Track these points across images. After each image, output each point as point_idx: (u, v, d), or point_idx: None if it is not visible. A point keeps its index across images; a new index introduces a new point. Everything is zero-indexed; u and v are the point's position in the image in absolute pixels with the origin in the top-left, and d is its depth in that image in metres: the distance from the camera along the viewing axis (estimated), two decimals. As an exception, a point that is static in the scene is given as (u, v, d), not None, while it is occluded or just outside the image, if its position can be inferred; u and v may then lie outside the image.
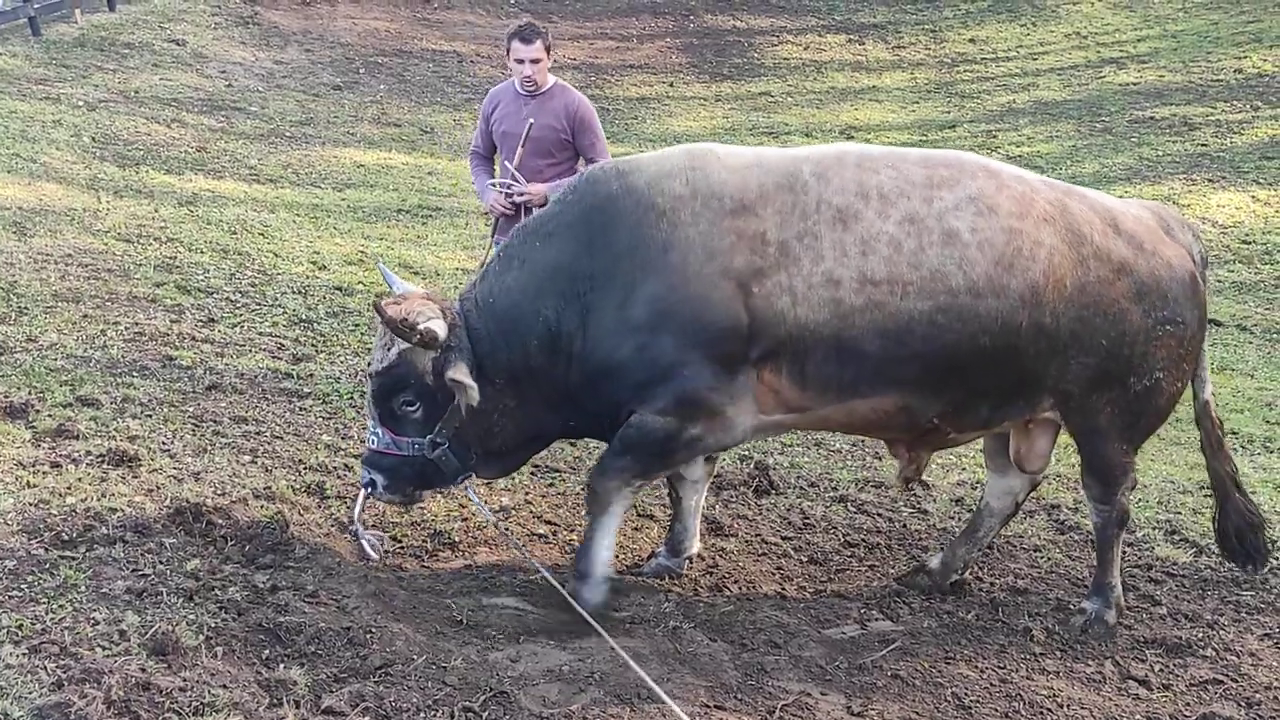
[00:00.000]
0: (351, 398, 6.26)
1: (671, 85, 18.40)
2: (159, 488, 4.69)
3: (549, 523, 5.17)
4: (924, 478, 5.23)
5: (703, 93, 18.24)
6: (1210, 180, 13.67)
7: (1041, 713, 4.06)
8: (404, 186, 11.85)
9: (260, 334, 7.05)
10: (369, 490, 4.41)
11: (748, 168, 4.26)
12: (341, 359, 6.86)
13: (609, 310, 4.18)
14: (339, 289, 8.19)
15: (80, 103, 12.79)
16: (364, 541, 4.58)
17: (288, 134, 13.40)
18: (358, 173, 12.26)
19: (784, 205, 4.18)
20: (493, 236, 6.20)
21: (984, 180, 4.28)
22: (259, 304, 7.61)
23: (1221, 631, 4.65)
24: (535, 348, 4.27)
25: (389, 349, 4.25)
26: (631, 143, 14.91)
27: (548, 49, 6.00)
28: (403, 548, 4.78)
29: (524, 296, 4.29)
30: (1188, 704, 4.15)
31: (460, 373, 4.16)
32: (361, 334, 7.31)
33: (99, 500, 4.48)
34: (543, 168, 6.03)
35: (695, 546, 4.89)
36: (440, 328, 4.15)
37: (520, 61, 5.93)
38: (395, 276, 4.80)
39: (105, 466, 4.81)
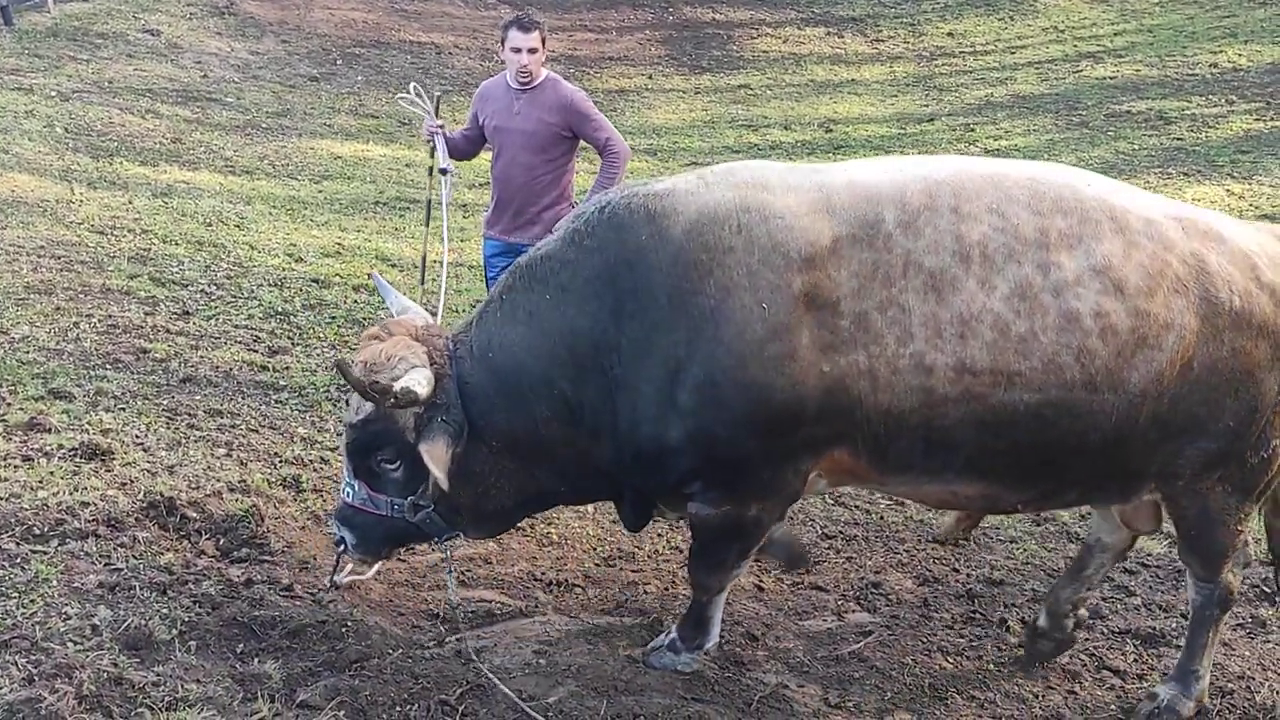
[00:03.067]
0: (328, 390, 6.22)
1: (650, 78, 18.38)
2: (132, 481, 4.65)
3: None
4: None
5: (682, 85, 18.22)
6: (1185, 174, 13.75)
7: (1018, 703, 4.08)
8: (381, 178, 11.78)
9: (236, 327, 7.00)
10: (339, 547, 3.85)
11: (814, 212, 3.46)
12: (318, 352, 6.82)
13: (648, 392, 3.46)
14: (315, 281, 8.14)
15: (53, 93, 12.66)
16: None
17: (264, 125, 13.29)
18: (335, 164, 12.17)
19: (862, 266, 3.41)
20: (431, 175, 6.12)
21: (1110, 241, 3.48)
22: (234, 296, 7.55)
23: (1195, 622, 4.67)
24: (546, 419, 3.61)
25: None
26: (610, 135, 14.87)
27: (543, 40, 5.98)
28: (379, 541, 4.74)
29: (532, 359, 3.59)
30: (1162, 694, 4.17)
31: (435, 448, 3.48)
32: (338, 327, 7.27)
33: (71, 494, 4.44)
34: (537, 163, 6.00)
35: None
36: (422, 383, 3.47)
37: (517, 51, 5.90)
38: (393, 291, 4.14)
39: (78, 460, 4.76)
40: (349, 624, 3.91)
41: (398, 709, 3.51)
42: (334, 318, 7.43)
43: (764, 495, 3.65)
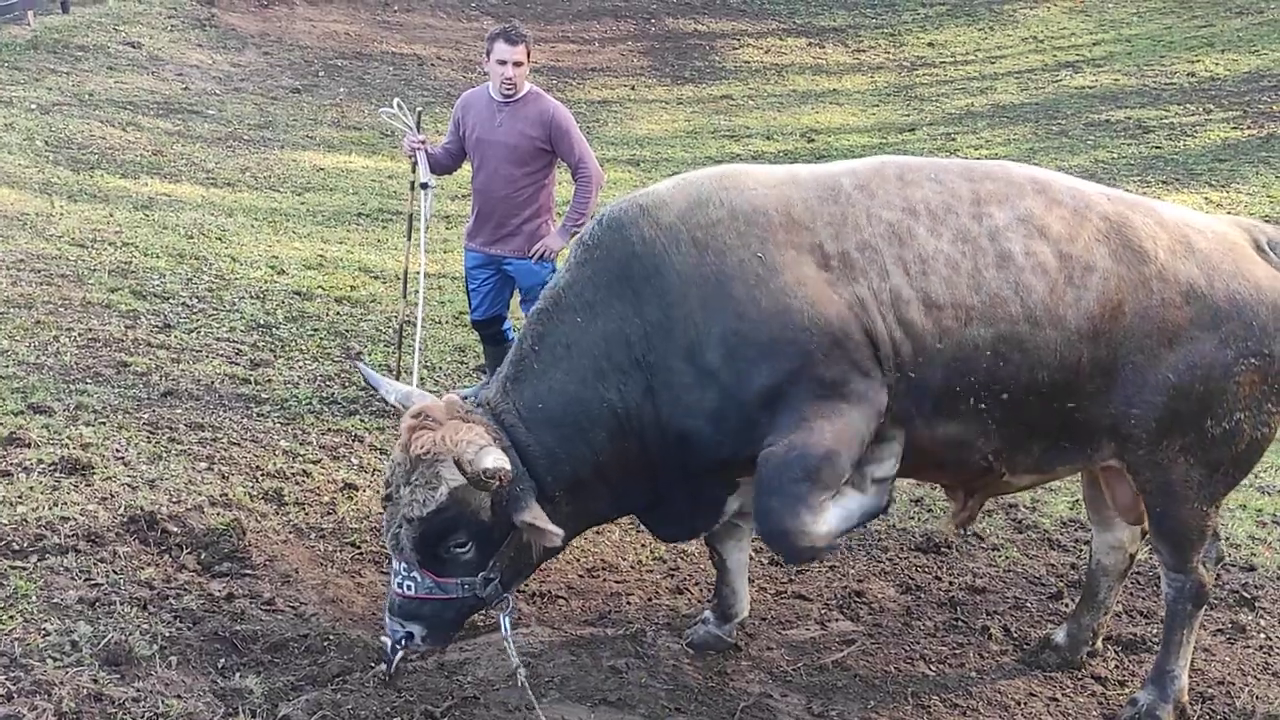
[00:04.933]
0: (310, 403, 6.21)
1: (633, 88, 18.42)
2: (113, 496, 4.63)
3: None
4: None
5: (664, 96, 18.27)
6: (1164, 182, 13.86)
7: (1000, 710, 4.09)
8: (364, 190, 11.77)
9: (217, 339, 6.98)
10: (403, 644, 3.65)
11: (782, 183, 3.88)
12: (300, 364, 6.80)
13: (678, 365, 3.66)
14: (298, 294, 8.12)
15: (33, 106, 12.61)
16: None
17: (245, 137, 13.26)
18: (317, 176, 12.15)
19: (833, 217, 3.78)
20: (413, 190, 6.12)
21: (1033, 199, 3.87)
22: (216, 309, 7.53)
23: (1176, 627, 4.69)
24: (603, 440, 3.72)
25: (433, 488, 3.49)
26: (594, 145, 14.87)
27: (528, 53, 6.01)
28: (362, 554, 4.74)
29: (582, 387, 3.70)
30: (1143, 699, 4.19)
31: (535, 515, 3.54)
32: (321, 339, 7.25)
33: (51, 509, 4.41)
34: (517, 176, 6.02)
35: (745, 609, 4.39)
36: (504, 458, 3.46)
37: (503, 63, 5.92)
38: (384, 380, 4.11)
39: (58, 475, 4.74)
40: (331, 638, 3.89)
41: (380, 722, 3.50)
42: (316, 330, 7.41)
43: (845, 429, 3.65)
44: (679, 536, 4.20)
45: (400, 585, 3.60)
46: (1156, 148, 15.12)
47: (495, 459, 3.42)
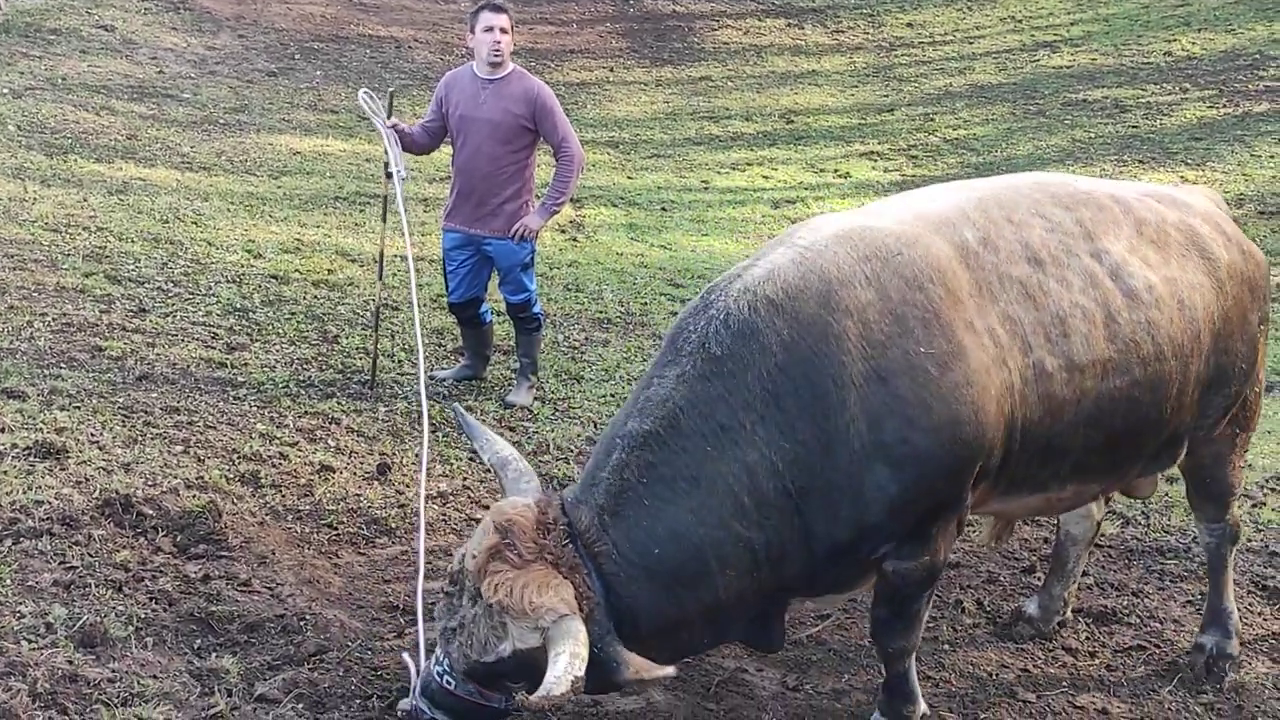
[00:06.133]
0: (287, 386, 6.20)
1: (612, 70, 18.36)
2: (87, 479, 4.62)
3: (487, 507, 5.15)
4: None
5: (643, 77, 18.22)
6: (1140, 161, 13.93)
7: (972, 681, 4.14)
8: (341, 174, 11.72)
9: (193, 323, 6.95)
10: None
11: (918, 239, 3.41)
12: (277, 347, 6.78)
13: (840, 481, 3.21)
14: (275, 277, 8.09)
15: (5, 90, 12.49)
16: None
17: (221, 121, 13.17)
18: (293, 160, 12.09)
19: (972, 285, 3.39)
20: (387, 176, 6.04)
21: (1125, 224, 3.73)
22: (192, 293, 7.49)
23: (1146, 599, 4.76)
24: (731, 580, 3.21)
25: (497, 639, 3.04)
26: (574, 128, 14.87)
27: (512, 25, 6.05)
28: (339, 535, 4.74)
29: (715, 529, 3.14)
30: (1112, 669, 4.25)
31: (637, 669, 3.04)
32: (298, 323, 7.23)
33: (25, 493, 4.40)
34: (501, 154, 6.04)
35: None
36: (582, 655, 2.89)
37: (489, 30, 5.97)
38: (482, 431, 3.58)
39: (32, 459, 4.73)
40: (307, 618, 3.91)
41: (357, 701, 3.52)
42: (293, 314, 7.39)
43: (952, 533, 3.50)
44: (776, 648, 3.70)
45: (440, 676, 3.16)
46: (1133, 127, 15.18)
47: (577, 660, 2.86)
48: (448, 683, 3.15)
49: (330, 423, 5.81)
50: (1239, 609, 4.52)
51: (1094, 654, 4.37)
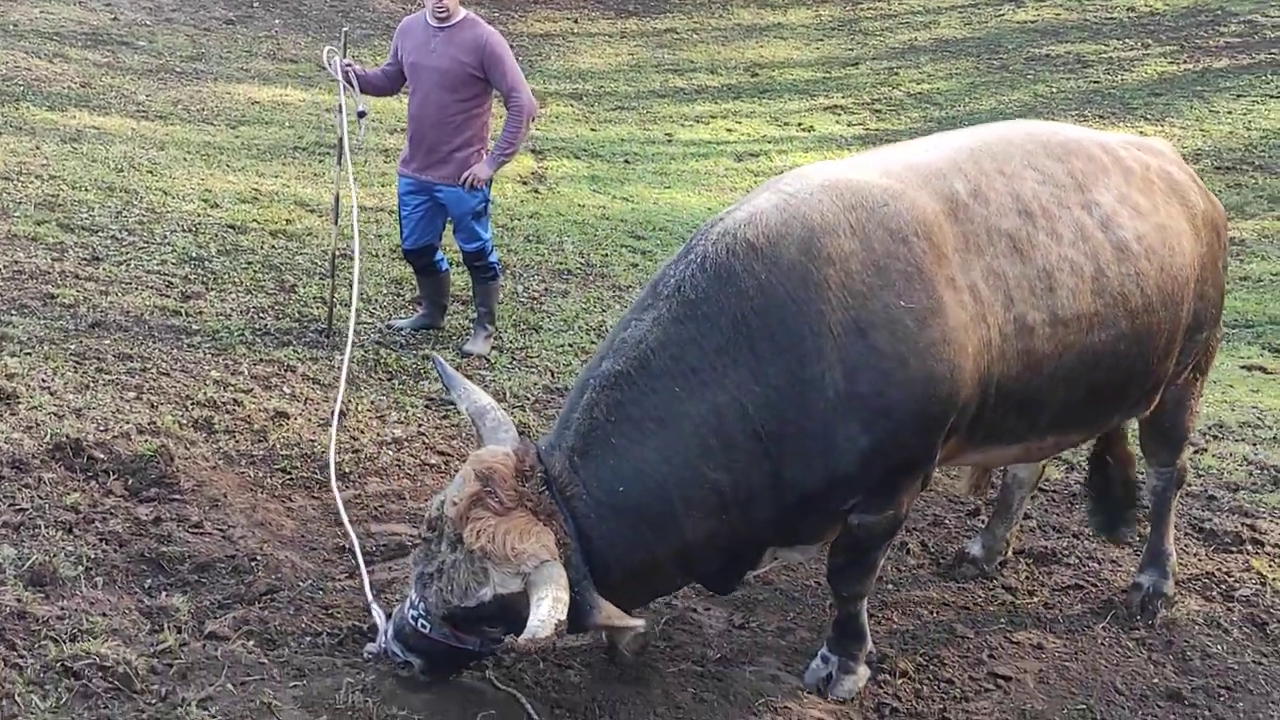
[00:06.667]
0: (243, 334, 6.18)
1: (576, 21, 18.21)
2: (38, 424, 4.61)
3: (441, 453, 5.20)
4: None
5: (608, 29, 18.09)
6: (1101, 116, 14.01)
7: (914, 619, 4.24)
8: (300, 124, 11.60)
9: (147, 272, 6.90)
10: (400, 667, 3.28)
11: (905, 190, 3.37)
12: (233, 296, 6.75)
13: (813, 428, 3.19)
14: (232, 227, 8.03)
15: (-45, 36, 12.24)
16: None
17: (178, 69, 12.98)
18: (252, 109, 11.94)
19: (958, 240, 3.36)
20: (339, 112, 6.06)
21: (1114, 173, 3.73)
22: (146, 242, 7.43)
23: (1086, 541, 4.88)
24: (698, 522, 3.20)
25: (478, 584, 3.04)
26: (537, 80, 14.76)
27: None
28: (292, 480, 4.76)
29: (681, 468, 3.14)
30: (1049, 606, 4.37)
31: (608, 615, 3.08)
32: (255, 272, 7.20)
33: (-26, 437, 4.39)
34: (449, 102, 6.01)
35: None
36: (564, 599, 2.93)
37: None
38: (460, 380, 3.52)
39: (-19, 404, 4.70)
40: (259, 558, 3.94)
41: (308, 638, 3.56)
42: (250, 263, 7.35)
43: (916, 487, 3.54)
44: (729, 591, 3.74)
45: (414, 620, 3.15)
46: (1095, 82, 15.26)
47: (559, 603, 2.90)
48: (422, 626, 3.14)
49: (286, 370, 5.81)
50: (1176, 550, 4.65)
51: (1033, 592, 4.48)
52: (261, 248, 7.69)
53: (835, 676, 3.73)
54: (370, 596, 3.68)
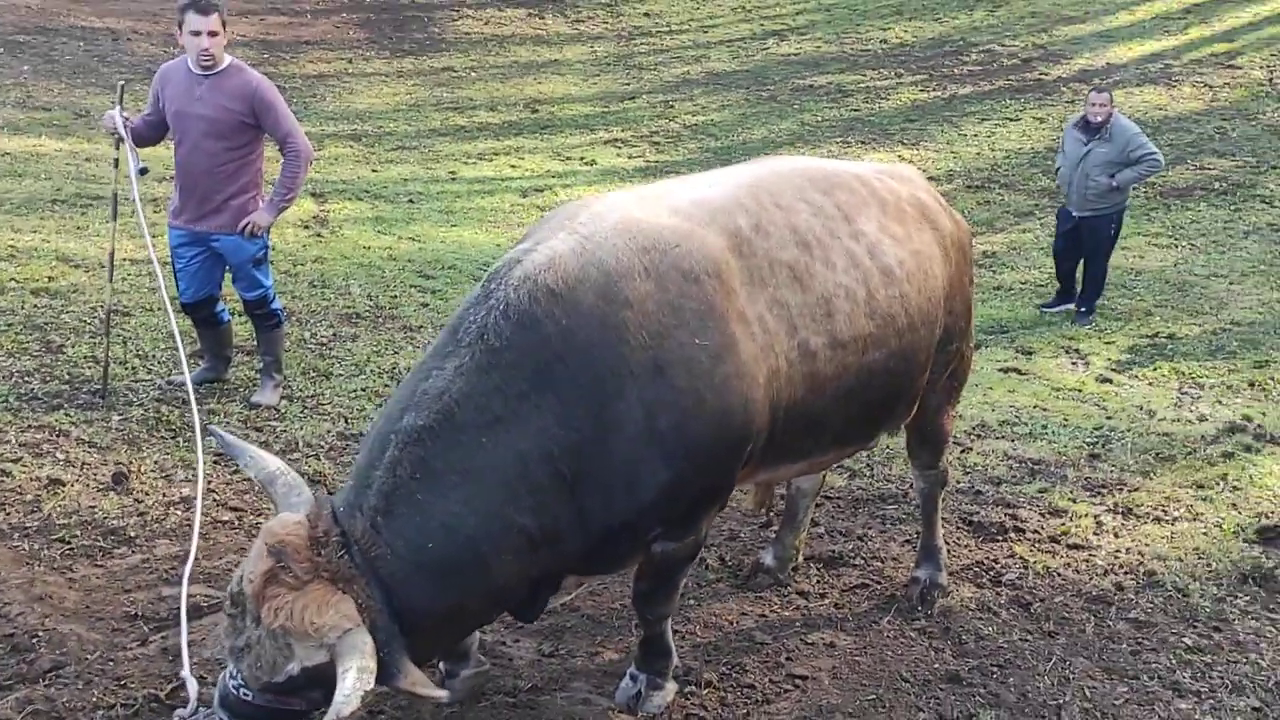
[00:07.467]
0: (7, 400, 5.83)
1: (350, 62, 17.99)
2: None
3: (233, 509, 5.06)
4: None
5: (384, 69, 17.96)
6: (863, 142, 14.91)
7: (715, 631, 4.41)
8: (58, 174, 11.00)
9: (-107, 340, 6.42)
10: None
11: (694, 230, 3.47)
12: (-6, 361, 6.36)
13: (617, 465, 3.25)
14: (-13, 287, 7.55)
15: None
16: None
17: (-84, 121, 12.12)
18: (2, 161, 11.25)
19: (743, 274, 3.49)
20: (116, 167, 5.87)
21: (871, 203, 3.99)
22: (-110, 308, 6.90)
23: (870, 542, 5.20)
24: (508, 564, 3.19)
25: (285, 659, 2.96)
26: (313, 121, 14.50)
27: (224, 23, 5.80)
28: (72, 550, 4.53)
29: (488, 518, 3.12)
30: (839, 606, 4.63)
31: (413, 681, 3.02)
32: (16, 333, 6.79)
33: None
34: (219, 151, 5.84)
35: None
36: (369, 667, 2.88)
37: (196, 34, 5.70)
38: (245, 448, 3.37)
39: None
40: (40, 634, 3.74)
41: (100, 712, 3.42)
42: (11, 324, 6.93)
43: (714, 513, 3.68)
44: (533, 619, 3.69)
45: (236, 689, 3.03)
46: (855, 110, 16.22)
47: (364, 674, 2.85)
48: (244, 695, 3.04)
49: (58, 435, 5.52)
50: (948, 543, 5.02)
51: (824, 594, 4.74)
52: (23, 307, 7.27)
53: (644, 694, 3.84)
54: (186, 662, 3.51)
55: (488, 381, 3.14)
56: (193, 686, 3.37)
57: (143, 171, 5.90)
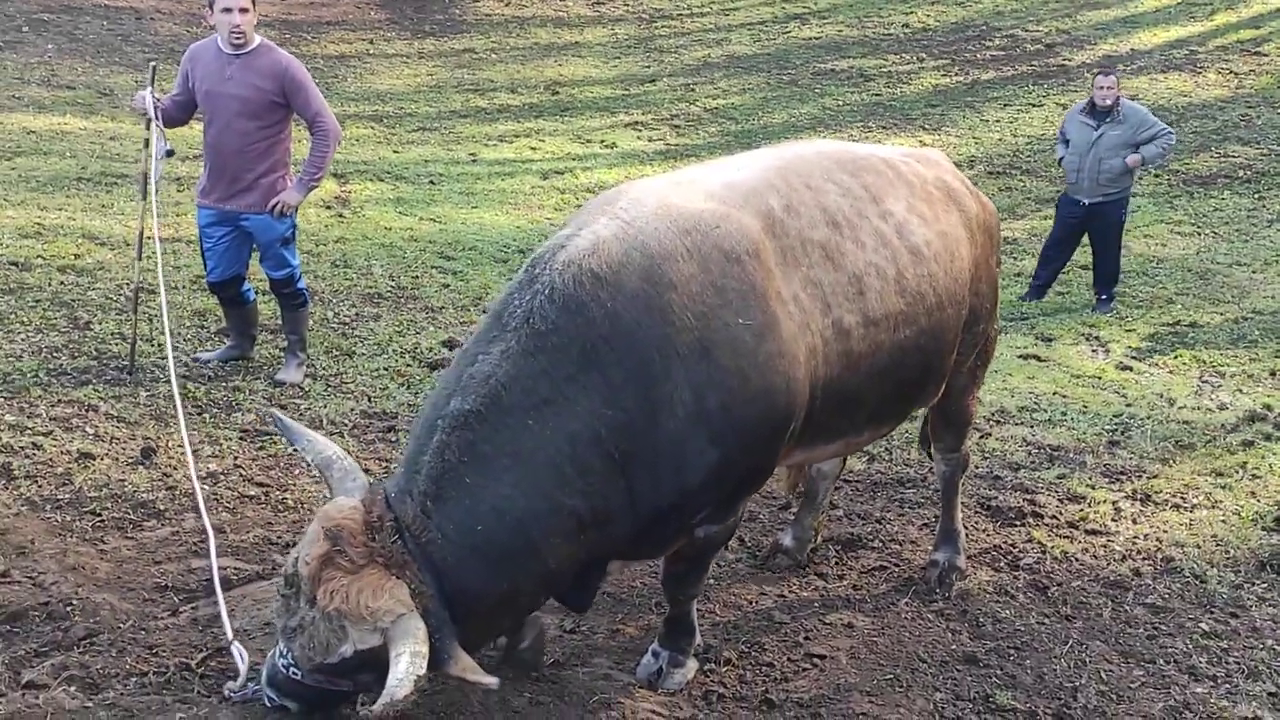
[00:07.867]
0: (37, 375, 5.92)
1: (372, 43, 18.03)
2: None
3: (259, 484, 5.13)
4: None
5: (405, 50, 17.98)
6: (884, 127, 14.87)
7: (735, 610, 4.46)
8: (83, 153, 11.09)
9: (-76, 315, 6.51)
10: (273, 710, 3.24)
11: (728, 215, 3.50)
12: (23, 336, 6.44)
13: (665, 447, 3.28)
14: (15, 264, 7.63)
15: None
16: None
17: (-57, 99, 12.22)
18: (28, 140, 11.35)
19: (778, 254, 3.54)
20: (146, 147, 5.95)
21: (899, 184, 4.04)
22: (-79, 283, 7.00)
23: (888, 525, 5.23)
24: (559, 546, 3.22)
25: (337, 641, 3.00)
26: (335, 102, 14.54)
27: (254, 1, 5.86)
28: (103, 521, 4.61)
29: (539, 499, 3.15)
30: (858, 588, 4.67)
31: (463, 667, 3.04)
32: (44, 310, 6.88)
33: None
34: (250, 130, 5.90)
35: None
36: (422, 652, 2.91)
37: (228, 10, 5.77)
38: (301, 432, 3.47)
39: None
40: (74, 603, 3.82)
41: (133, 679, 3.49)
42: (38, 301, 7.02)
43: (754, 493, 3.71)
44: (587, 607, 3.73)
45: (285, 668, 3.10)
46: (877, 95, 16.16)
47: (417, 660, 2.88)
48: (293, 674, 3.10)
49: (87, 410, 5.60)
50: (966, 527, 5.06)
51: (842, 576, 4.78)
52: (50, 284, 7.36)
53: (666, 670, 3.90)
54: (230, 635, 3.58)
55: (534, 365, 3.16)
56: (242, 658, 3.42)
57: (169, 153, 5.97)
